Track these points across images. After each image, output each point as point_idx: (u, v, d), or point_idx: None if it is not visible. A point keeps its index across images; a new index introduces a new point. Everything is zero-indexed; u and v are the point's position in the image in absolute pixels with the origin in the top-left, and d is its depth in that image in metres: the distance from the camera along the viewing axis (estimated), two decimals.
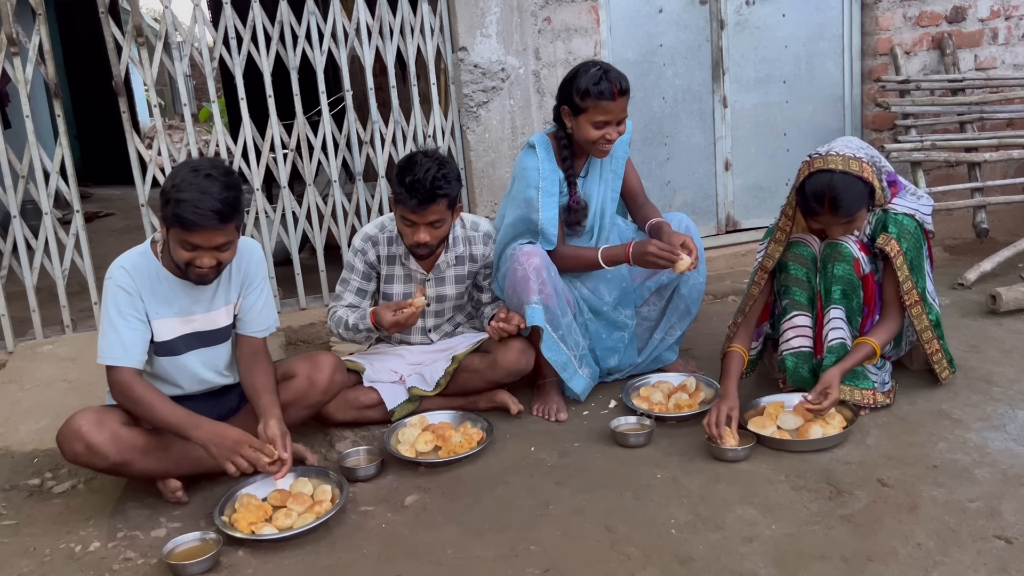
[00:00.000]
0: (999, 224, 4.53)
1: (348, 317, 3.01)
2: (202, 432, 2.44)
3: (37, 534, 2.51)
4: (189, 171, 2.42)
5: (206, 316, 2.64)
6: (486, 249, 3.12)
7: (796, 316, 2.89)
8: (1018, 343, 3.32)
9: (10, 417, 3.19)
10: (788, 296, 2.91)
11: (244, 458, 2.40)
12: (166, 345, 2.60)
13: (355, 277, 3.08)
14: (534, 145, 3.04)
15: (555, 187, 3.01)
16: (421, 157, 2.83)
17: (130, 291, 2.51)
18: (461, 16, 3.95)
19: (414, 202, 2.78)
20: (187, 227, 2.37)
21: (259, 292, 2.73)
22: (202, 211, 2.36)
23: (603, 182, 3.13)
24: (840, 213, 2.70)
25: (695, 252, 2.90)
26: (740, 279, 4.25)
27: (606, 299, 3.16)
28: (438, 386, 3.02)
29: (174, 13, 3.71)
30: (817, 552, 2.14)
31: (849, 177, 2.68)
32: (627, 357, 3.23)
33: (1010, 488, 2.35)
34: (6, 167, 3.61)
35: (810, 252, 2.88)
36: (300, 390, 2.76)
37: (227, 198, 2.40)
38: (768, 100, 4.54)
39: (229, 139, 3.89)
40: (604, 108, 2.88)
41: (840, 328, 2.82)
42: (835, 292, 2.81)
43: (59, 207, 4.88)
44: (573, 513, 2.40)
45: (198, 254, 2.43)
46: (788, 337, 2.90)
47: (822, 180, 2.70)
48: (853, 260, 2.78)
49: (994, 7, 4.60)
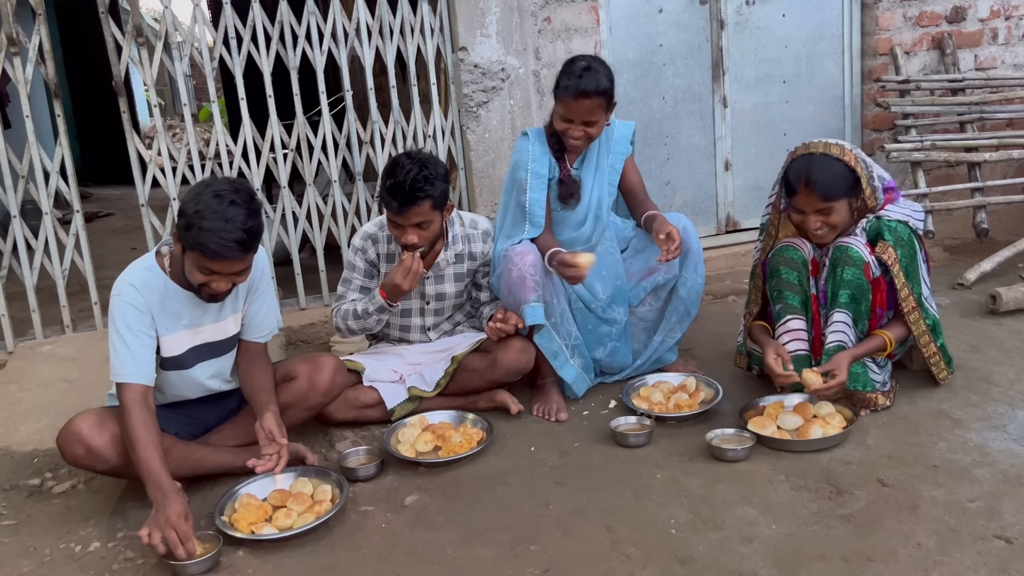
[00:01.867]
0: (999, 224, 4.53)
1: (356, 306, 3.02)
2: (153, 492, 2.30)
3: (37, 534, 2.51)
4: (212, 196, 2.34)
5: (215, 326, 2.62)
6: (485, 247, 3.12)
7: (791, 320, 2.88)
8: (1018, 343, 3.32)
9: (10, 417, 3.19)
10: (781, 300, 2.90)
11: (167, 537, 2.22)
12: (175, 360, 2.59)
13: (357, 275, 3.08)
14: (527, 133, 3.11)
15: (544, 169, 3.05)
16: (404, 159, 2.83)
17: (140, 308, 2.47)
18: (461, 16, 3.96)
19: (395, 204, 2.79)
20: (209, 256, 2.34)
21: (264, 297, 2.72)
22: (226, 242, 2.31)
23: (599, 173, 3.13)
24: (817, 191, 2.70)
25: (678, 241, 2.91)
26: (740, 279, 4.25)
27: (600, 296, 3.15)
28: (438, 386, 3.02)
29: (174, 13, 3.71)
30: (817, 552, 2.14)
31: (828, 158, 2.72)
32: (619, 355, 3.21)
33: (1010, 488, 2.35)
34: (6, 167, 3.62)
35: (800, 256, 2.88)
36: (301, 392, 2.76)
37: (251, 228, 2.36)
38: (768, 100, 4.54)
39: (229, 139, 3.89)
40: (567, 104, 2.93)
41: (842, 332, 2.81)
42: (842, 296, 2.79)
43: (59, 207, 4.88)
44: (573, 513, 2.40)
45: (215, 278, 2.41)
46: (784, 341, 2.88)
47: (802, 161, 2.76)
48: (864, 264, 2.76)
49: (994, 7, 4.60)
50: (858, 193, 2.76)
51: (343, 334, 3.13)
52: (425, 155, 2.87)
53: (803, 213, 2.77)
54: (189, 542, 2.23)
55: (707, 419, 2.87)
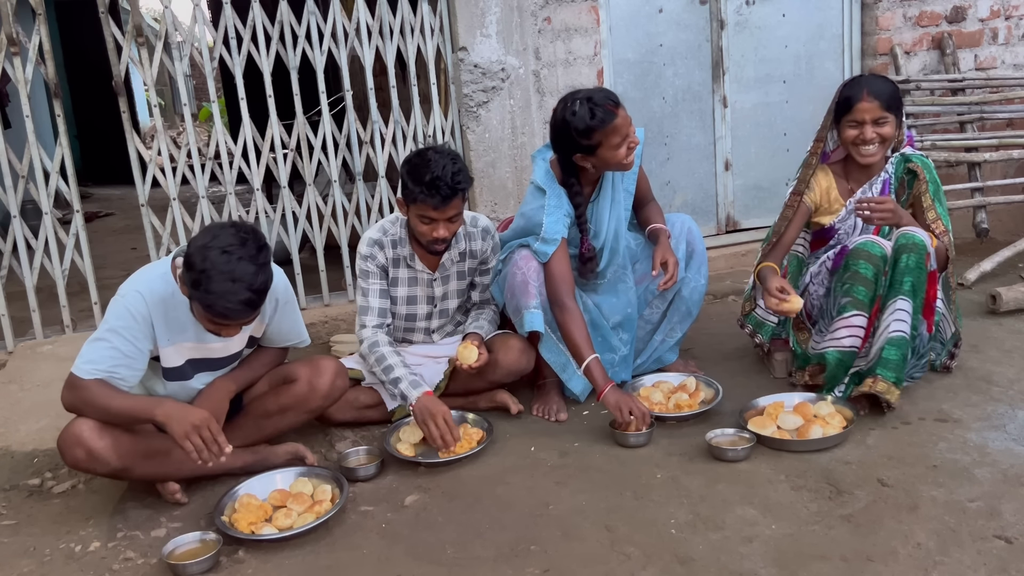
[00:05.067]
0: (999, 224, 4.53)
1: (395, 368, 2.85)
2: (162, 411, 2.38)
3: (37, 534, 2.51)
4: (220, 253, 2.26)
5: (221, 344, 2.60)
6: (484, 245, 3.12)
7: (855, 316, 2.83)
8: (1018, 343, 3.32)
9: (10, 417, 3.19)
10: (850, 295, 2.84)
11: (201, 438, 2.33)
12: (176, 371, 2.59)
13: (373, 281, 3.01)
14: (541, 187, 2.95)
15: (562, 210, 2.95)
16: (433, 154, 2.80)
17: (137, 318, 2.44)
18: (461, 16, 3.95)
19: (437, 199, 2.75)
20: (217, 316, 2.33)
21: (285, 317, 2.72)
22: (233, 305, 2.28)
23: (615, 204, 3.05)
24: (881, 98, 2.85)
25: (671, 273, 2.96)
26: (740, 279, 4.25)
27: (609, 320, 3.14)
28: (437, 388, 3.02)
29: (174, 13, 3.71)
30: (817, 552, 2.14)
31: (884, 77, 3.06)
32: (617, 376, 3.14)
33: (1010, 488, 2.35)
34: (6, 167, 3.61)
35: (882, 252, 2.83)
36: (301, 395, 2.75)
37: (260, 286, 2.31)
38: (768, 100, 4.54)
39: (229, 139, 3.89)
40: (616, 128, 2.79)
41: (904, 321, 2.76)
42: (906, 284, 2.75)
43: (59, 207, 4.88)
44: (573, 513, 2.40)
45: (223, 329, 2.41)
46: (840, 336, 2.85)
47: (859, 78, 3.03)
48: (926, 253, 2.76)
49: (994, 7, 4.60)
50: (902, 116, 2.94)
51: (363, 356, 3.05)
52: (448, 147, 2.88)
53: (860, 125, 2.89)
54: (220, 436, 2.36)
55: (707, 419, 2.87)
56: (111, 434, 2.43)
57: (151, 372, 2.58)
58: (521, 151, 4.12)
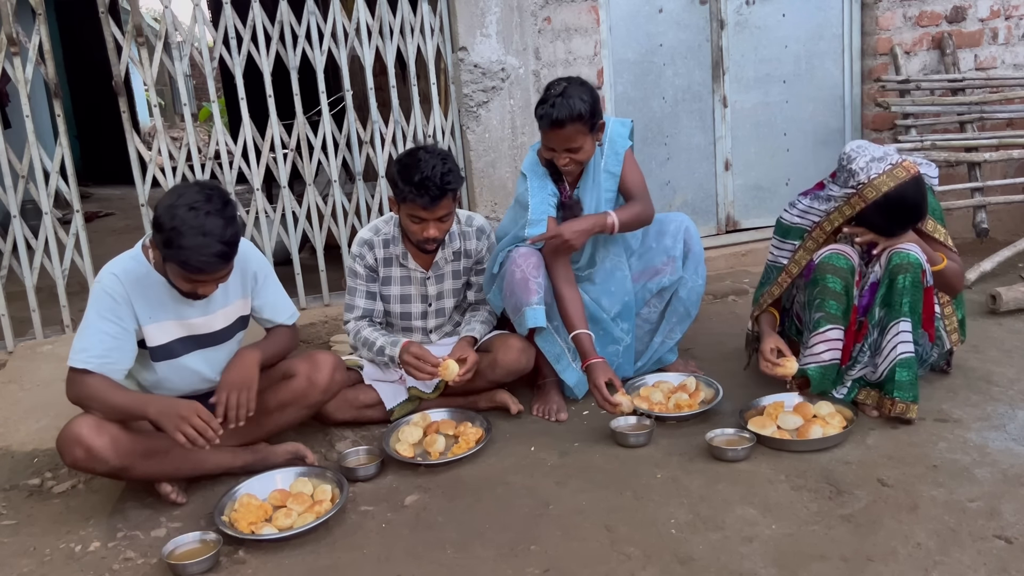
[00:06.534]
0: (999, 224, 4.53)
1: (377, 340, 2.99)
2: (153, 408, 2.43)
3: (37, 534, 2.51)
4: (187, 210, 2.32)
5: (203, 320, 2.63)
6: (479, 244, 3.12)
7: (830, 330, 2.79)
8: (1018, 343, 3.32)
9: (10, 417, 3.19)
10: (823, 309, 2.80)
11: (193, 427, 2.38)
12: (163, 349, 2.59)
13: (360, 282, 3.06)
14: (524, 173, 3.06)
15: (546, 190, 3.00)
16: (423, 154, 2.81)
17: (116, 298, 2.48)
18: (461, 16, 3.96)
19: (426, 199, 2.76)
20: (192, 271, 2.36)
21: (268, 289, 2.76)
22: (207, 257, 2.33)
23: (595, 187, 3.05)
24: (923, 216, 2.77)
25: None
26: (740, 279, 4.25)
27: (608, 312, 3.15)
28: (437, 388, 3.02)
29: (174, 13, 3.71)
30: (817, 552, 2.14)
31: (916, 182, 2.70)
32: (621, 370, 3.16)
33: (1010, 488, 2.35)
34: (6, 167, 3.61)
35: (849, 264, 2.80)
36: (300, 390, 2.76)
37: (230, 238, 2.36)
38: (768, 100, 4.54)
39: (229, 139, 3.89)
40: (546, 135, 2.90)
41: (908, 341, 2.74)
42: (904, 305, 2.72)
43: (59, 207, 4.88)
44: (573, 513, 2.40)
45: (199, 285, 2.44)
46: (818, 351, 2.80)
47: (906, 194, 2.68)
48: (921, 270, 2.72)
49: (994, 7, 4.60)
50: None
51: (357, 350, 3.13)
52: (438, 147, 2.89)
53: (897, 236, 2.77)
54: (213, 421, 2.39)
55: (707, 419, 2.87)
56: (110, 433, 2.44)
57: (139, 365, 2.60)
58: (521, 151, 4.12)
